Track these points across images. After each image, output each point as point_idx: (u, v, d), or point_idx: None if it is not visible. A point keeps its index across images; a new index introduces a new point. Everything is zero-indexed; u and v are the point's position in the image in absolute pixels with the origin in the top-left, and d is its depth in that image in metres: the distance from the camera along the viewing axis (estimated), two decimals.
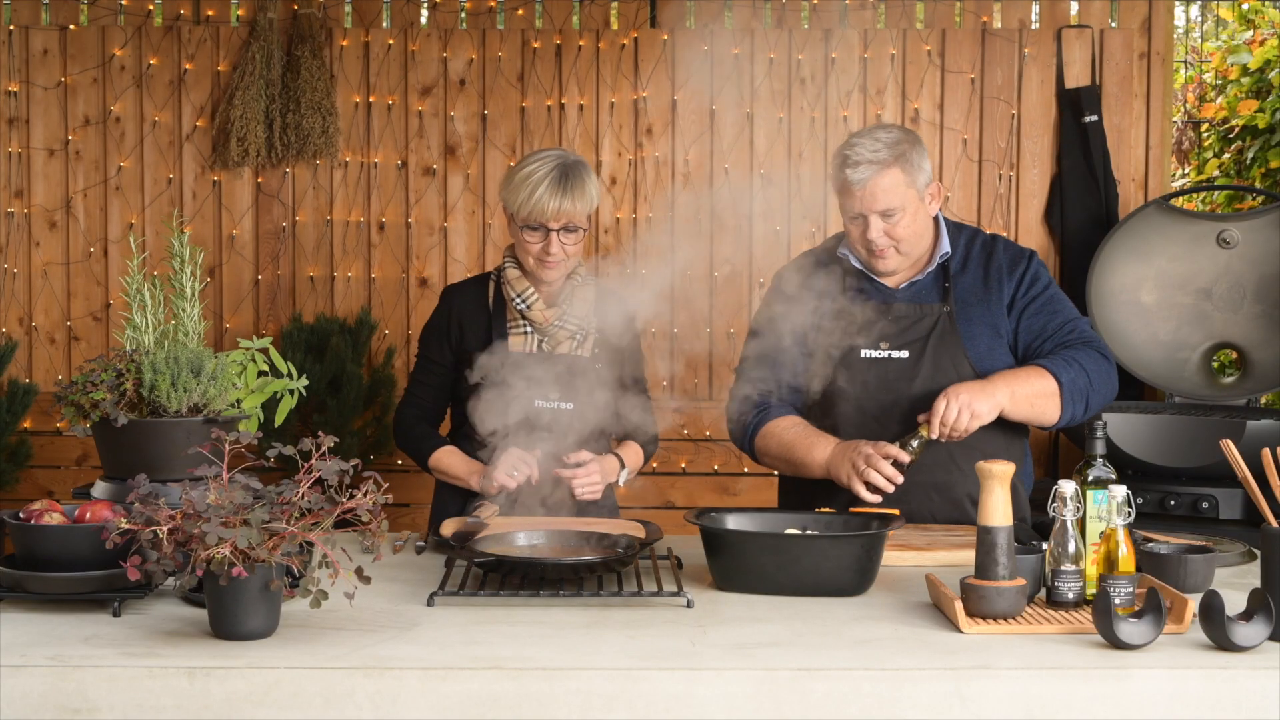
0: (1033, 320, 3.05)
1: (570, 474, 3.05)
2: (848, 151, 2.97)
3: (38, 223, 5.17)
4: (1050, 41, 5.17)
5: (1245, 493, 2.63)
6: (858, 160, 2.94)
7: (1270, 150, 5.36)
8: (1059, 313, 3.07)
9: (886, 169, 2.93)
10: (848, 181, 2.96)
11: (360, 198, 5.18)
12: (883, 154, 2.94)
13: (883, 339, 3.03)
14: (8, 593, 2.27)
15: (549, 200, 3.06)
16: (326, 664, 1.97)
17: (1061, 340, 3.03)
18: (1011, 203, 5.20)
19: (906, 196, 2.96)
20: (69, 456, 5.14)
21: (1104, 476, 2.36)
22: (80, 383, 2.48)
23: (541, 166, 3.09)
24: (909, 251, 3.03)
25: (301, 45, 5.05)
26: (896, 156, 2.94)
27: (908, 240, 3.00)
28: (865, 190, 2.94)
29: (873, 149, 2.95)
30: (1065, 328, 3.05)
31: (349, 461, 2.15)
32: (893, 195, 2.94)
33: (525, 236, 3.10)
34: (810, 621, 2.23)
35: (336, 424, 4.68)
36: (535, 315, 3.15)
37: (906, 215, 2.97)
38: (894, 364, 3.01)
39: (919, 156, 2.99)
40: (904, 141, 2.98)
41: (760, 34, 5.16)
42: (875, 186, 2.94)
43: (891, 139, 2.97)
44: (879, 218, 2.96)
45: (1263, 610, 2.08)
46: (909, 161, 2.96)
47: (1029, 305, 3.05)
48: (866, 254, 3.03)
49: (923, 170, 3.00)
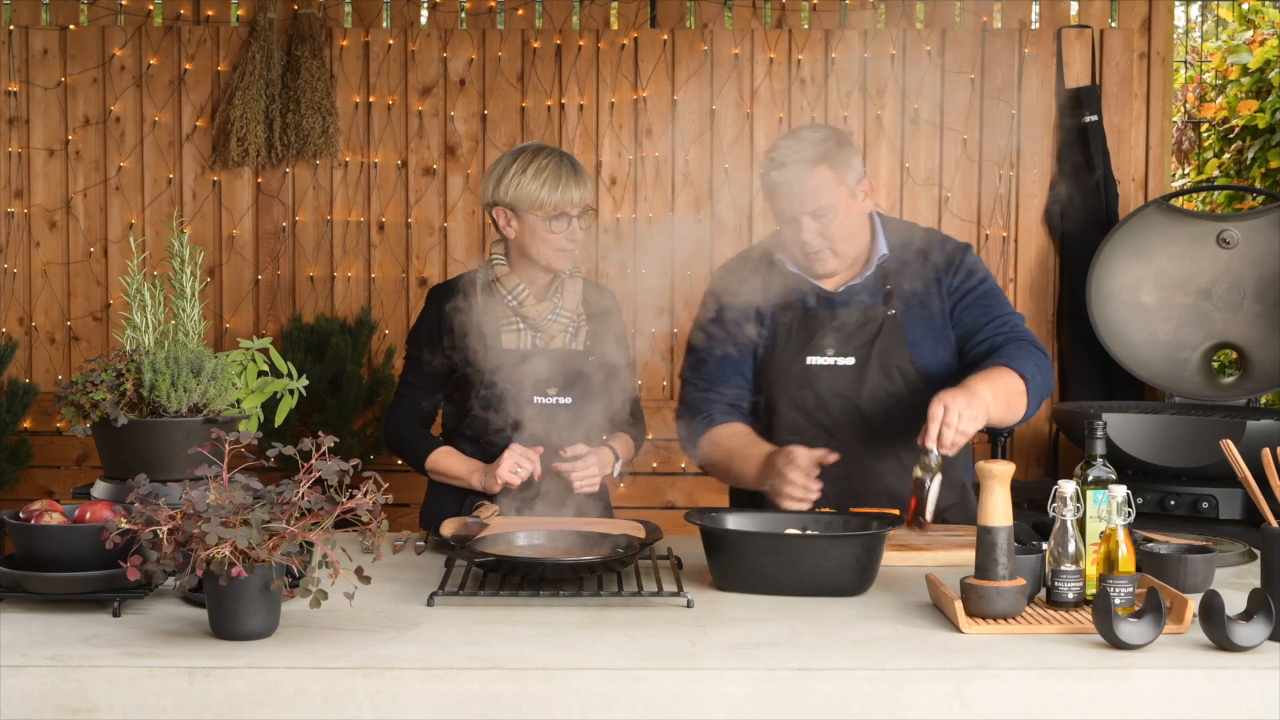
0: (965, 314, 2.99)
1: (569, 467, 3.06)
2: (773, 154, 2.93)
3: (38, 223, 5.17)
4: (1050, 41, 5.17)
5: (1245, 493, 2.63)
6: (783, 161, 2.89)
7: (1270, 150, 5.36)
8: (992, 307, 2.99)
9: (813, 168, 2.88)
10: (775, 183, 2.91)
11: (360, 198, 5.18)
12: (808, 153, 2.89)
13: (828, 345, 2.98)
14: (8, 593, 2.27)
15: (573, 188, 3.12)
16: (326, 664, 1.97)
17: (996, 335, 2.96)
18: (1011, 203, 5.20)
19: (837, 194, 2.90)
20: (69, 456, 5.14)
21: (1104, 476, 2.36)
22: (80, 383, 2.48)
23: (548, 159, 3.13)
24: (845, 251, 2.97)
25: (301, 45, 5.05)
26: (823, 155, 2.89)
27: (843, 239, 2.94)
28: (793, 191, 2.89)
29: (798, 149, 2.90)
30: (998, 322, 2.98)
31: (349, 461, 2.15)
32: (823, 194, 2.89)
33: (551, 228, 3.12)
34: (810, 621, 2.23)
35: (336, 424, 4.68)
36: (529, 310, 3.16)
37: (839, 214, 2.92)
38: (841, 371, 2.97)
39: (847, 154, 2.94)
40: (830, 140, 2.93)
41: (760, 34, 5.16)
42: (804, 186, 2.89)
43: (817, 138, 2.92)
44: (811, 218, 2.91)
45: (1263, 610, 2.08)
46: (836, 159, 2.91)
47: (962, 299, 2.99)
48: (803, 257, 2.98)
49: (851, 167, 2.94)
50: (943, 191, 5.19)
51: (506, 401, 3.07)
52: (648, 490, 4.99)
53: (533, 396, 3.09)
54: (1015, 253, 5.21)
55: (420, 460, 3.20)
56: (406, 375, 3.28)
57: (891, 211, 5.17)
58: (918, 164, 5.19)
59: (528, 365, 3.10)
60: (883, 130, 5.18)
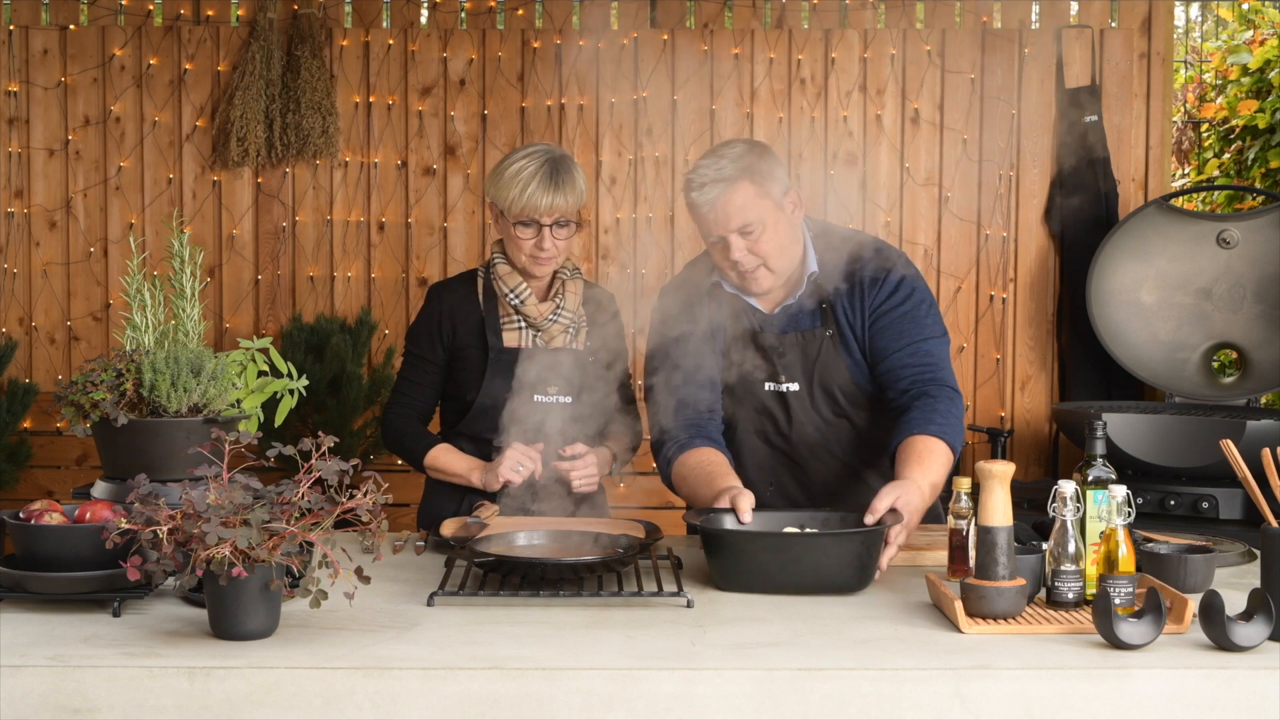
0: (878, 338, 2.89)
1: (568, 466, 3.06)
2: (692, 175, 2.85)
3: (38, 223, 5.17)
4: (1050, 41, 5.17)
5: (1245, 493, 2.64)
6: (702, 182, 2.82)
7: (1270, 150, 5.36)
8: (905, 333, 2.88)
9: (733, 185, 2.80)
10: (697, 205, 2.84)
11: (360, 198, 5.18)
12: (727, 170, 2.81)
13: (774, 372, 2.93)
14: (8, 593, 2.27)
15: (541, 196, 3.05)
16: (326, 664, 1.97)
17: (909, 370, 2.86)
18: (1011, 203, 5.20)
19: (762, 209, 2.82)
20: (69, 456, 5.14)
21: (1104, 476, 2.36)
22: (80, 383, 2.48)
23: (531, 162, 3.08)
24: (779, 268, 2.88)
25: (301, 45, 5.06)
26: (741, 170, 2.81)
27: (775, 255, 2.86)
28: (716, 210, 2.81)
29: (716, 167, 2.82)
30: (908, 351, 2.87)
31: (349, 461, 2.15)
32: (747, 210, 2.81)
33: (517, 233, 3.10)
34: (810, 621, 2.23)
35: (336, 424, 4.68)
36: (530, 310, 3.15)
37: (767, 229, 2.83)
38: (790, 397, 2.92)
39: (769, 166, 2.86)
40: (749, 154, 2.85)
41: (760, 34, 5.16)
42: (726, 205, 2.81)
43: (735, 153, 2.84)
44: (738, 236, 2.82)
45: (1263, 610, 2.08)
46: (757, 172, 2.83)
47: (878, 320, 2.90)
48: (737, 277, 2.90)
49: (775, 179, 2.86)
50: (943, 191, 5.19)
51: (506, 400, 3.07)
52: (648, 490, 4.99)
53: (532, 395, 3.09)
54: (1015, 253, 5.21)
55: (419, 457, 3.19)
56: (405, 372, 3.27)
57: (891, 211, 5.17)
58: (918, 164, 5.19)
59: (528, 364, 3.10)
60: (883, 130, 5.18)
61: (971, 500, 2.58)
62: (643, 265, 5.15)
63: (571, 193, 3.08)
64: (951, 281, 5.22)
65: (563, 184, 3.06)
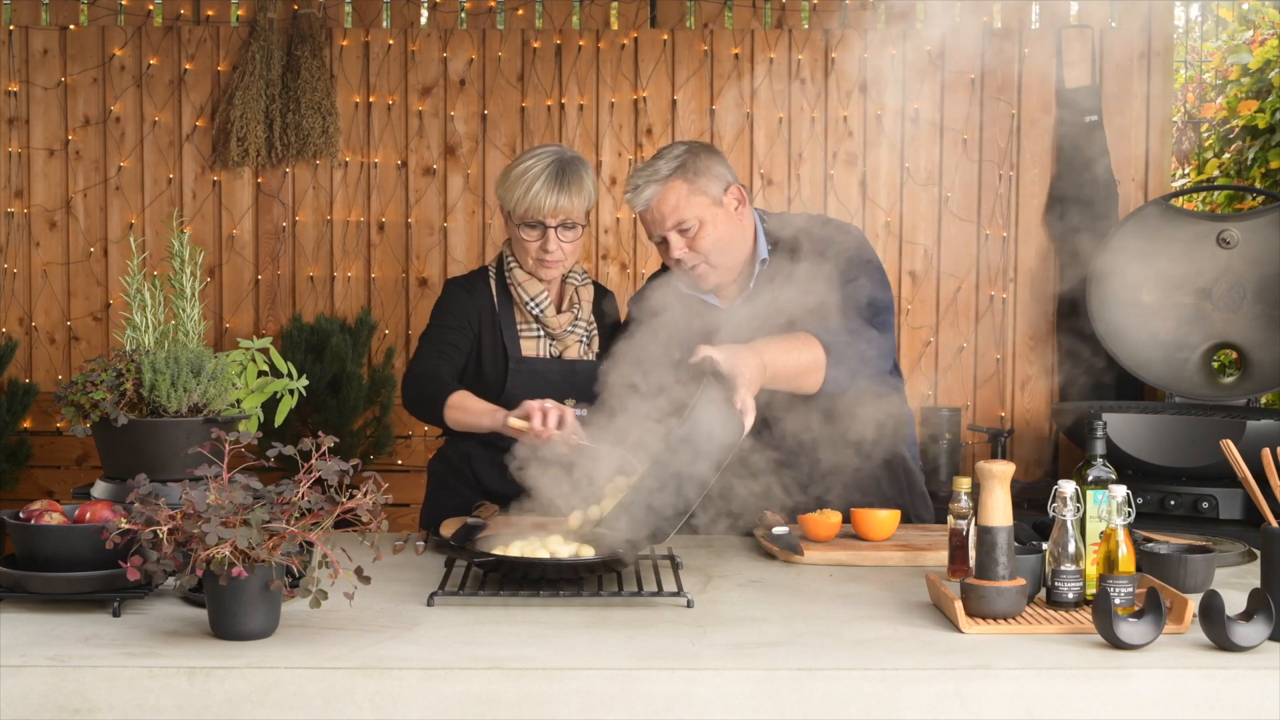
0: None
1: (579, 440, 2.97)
2: (630, 179, 2.98)
3: (38, 223, 5.17)
4: (1050, 41, 5.17)
5: (1245, 493, 2.64)
6: (638, 185, 2.94)
7: (1270, 150, 5.36)
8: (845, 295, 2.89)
9: (667, 184, 2.92)
10: (634, 206, 2.97)
11: (360, 198, 5.18)
12: (662, 171, 2.93)
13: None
14: (8, 593, 2.27)
15: (546, 197, 3.04)
16: (326, 664, 1.97)
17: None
18: (1011, 203, 5.20)
19: (698, 206, 2.92)
20: (69, 456, 5.14)
21: (1104, 476, 2.36)
22: (80, 383, 2.48)
23: (538, 163, 3.07)
24: (722, 263, 2.96)
25: (301, 45, 5.06)
26: (675, 169, 2.92)
27: (715, 251, 2.94)
28: (652, 211, 2.94)
29: (651, 170, 2.94)
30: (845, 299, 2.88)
31: (349, 461, 2.15)
32: (682, 209, 2.91)
33: (523, 234, 3.09)
34: (810, 621, 2.23)
35: (336, 424, 4.68)
36: (549, 321, 3.13)
37: (705, 226, 2.92)
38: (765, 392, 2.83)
39: (706, 163, 2.94)
40: (685, 154, 2.95)
41: (760, 34, 5.16)
42: (661, 205, 2.92)
43: (672, 154, 2.95)
44: (676, 234, 2.93)
45: (1263, 610, 2.08)
46: (692, 171, 2.92)
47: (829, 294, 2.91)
48: (683, 275, 2.99)
49: (714, 176, 2.93)
50: (943, 191, 5.19)
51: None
52: None
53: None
54: (1015, 253, 5.21)
55: (440, 401, 3.00)
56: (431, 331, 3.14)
57: (891, 211, 5.17)
58: (918, 164, 5.19)
59: (547, 376, 3.08)
60: (883, 130, 5.18)
61: (971, 500, 2.58)
62: (643, 265, 5.15)
63: (578, 195, 3.07)
64: (951, 281, 5.22)
65: (569, 185, 3.05)
